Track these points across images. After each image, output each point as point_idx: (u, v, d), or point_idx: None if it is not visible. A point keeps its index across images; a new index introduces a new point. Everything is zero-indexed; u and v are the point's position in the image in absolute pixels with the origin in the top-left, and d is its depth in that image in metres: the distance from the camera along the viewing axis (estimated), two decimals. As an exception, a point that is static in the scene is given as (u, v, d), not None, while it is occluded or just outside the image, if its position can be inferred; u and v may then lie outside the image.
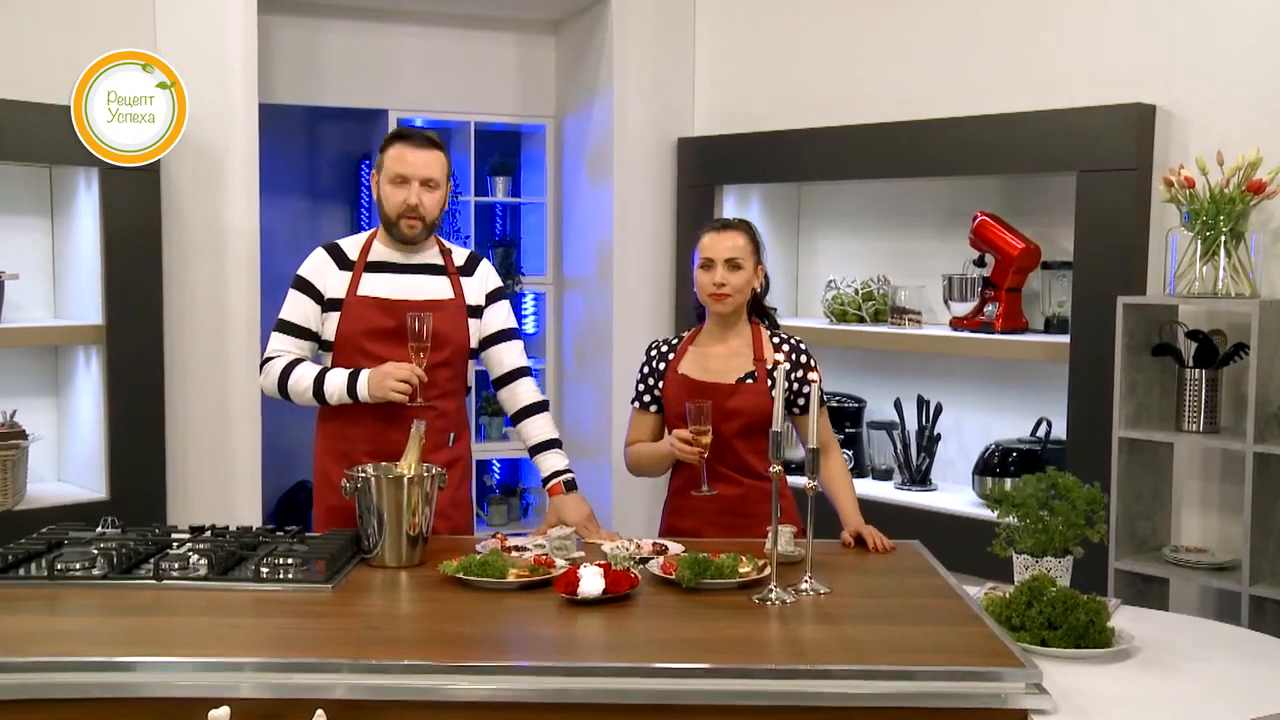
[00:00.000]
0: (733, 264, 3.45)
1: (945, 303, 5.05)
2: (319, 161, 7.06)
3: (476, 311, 3.56)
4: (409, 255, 3.50)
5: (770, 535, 3.07)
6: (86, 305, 4.87)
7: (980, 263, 4.96)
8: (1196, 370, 4.03)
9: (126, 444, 4.82)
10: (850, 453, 5.27)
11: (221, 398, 5.10)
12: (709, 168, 5.66)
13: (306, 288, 3.49)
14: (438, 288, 3.51)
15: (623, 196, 5.67)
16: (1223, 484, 4.24)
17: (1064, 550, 2.90)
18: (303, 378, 3.42)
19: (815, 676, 2.35)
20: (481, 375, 3.94)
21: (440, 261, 3.54)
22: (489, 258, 6.27)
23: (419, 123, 6.09)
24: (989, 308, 4.87)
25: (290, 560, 2.95)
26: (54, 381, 5.12)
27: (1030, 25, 4.75)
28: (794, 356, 3.47)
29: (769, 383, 3.44)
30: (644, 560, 3.02)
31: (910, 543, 3.39)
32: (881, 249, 5.45)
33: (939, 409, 5.11)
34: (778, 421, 2.86)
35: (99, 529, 3.25)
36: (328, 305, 3.47)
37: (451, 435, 3.52)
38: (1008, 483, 3.03)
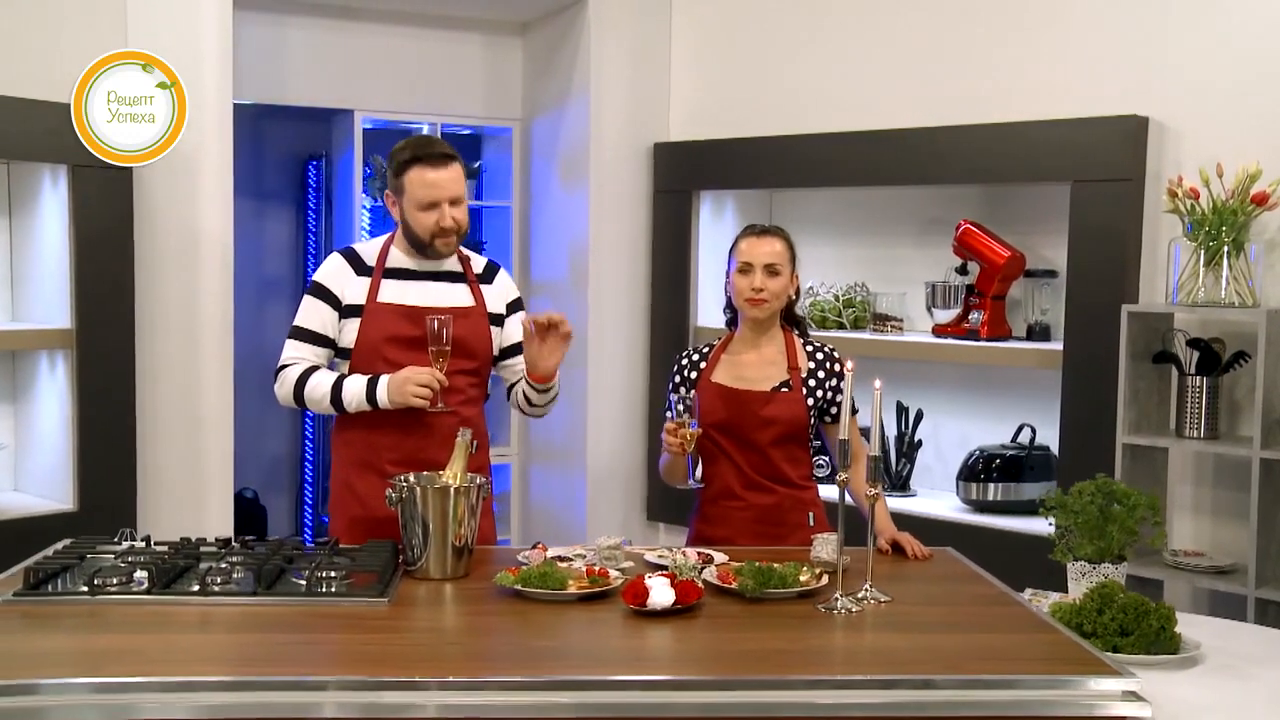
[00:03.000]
0: (772, 270, 3.43)
1: (928, 310, 5.09)
2: (263, 162, 6.89)
3: (498, 320, 3.49)
4: (428, 263, 3.42)
5: (837, 543, 3.07)
6: (51, 308, 4.69)
7: (963, 270, 5.01)
8: (1197, 378, 4.11)
9: (96, 453, 4.65)
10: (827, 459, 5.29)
11: (193, 406, 4.94)
12: (685, 173, 5.64)
13: (323, 294, 3.39)
14: (458, 295, 3.44)
15: (598, 201, 5.62)
16: (1216, 489, 4.33)
17: (1119, 556, 2.92)
18: (319, 385, 3.32)
19: (917, 687, 2.33)
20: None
21: (459, 269, 3.47)
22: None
23: (368, 125, 5.98)
24: (974, 315, 4.91)
25: (334, 573, 2.86)
26: (11, 388, 4.91)
27: (1022, 37, 4.81)
28: (828, 365, 3.45)
29: (803, 390, 3.42)
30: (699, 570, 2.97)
31: (944, 549, 3.40)
32: (857, 256, 5.47)
33: (919, 415, 5.15)
34: (844, 430, 2.84)
35: (119, 542, 3.11)
36: (346, 311, 3.38)
37: (475, 443, 3.42)
38: (1062, 490, 3.01)
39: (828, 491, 3.55)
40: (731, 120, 5.58)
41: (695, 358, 3.55)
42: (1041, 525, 4.64)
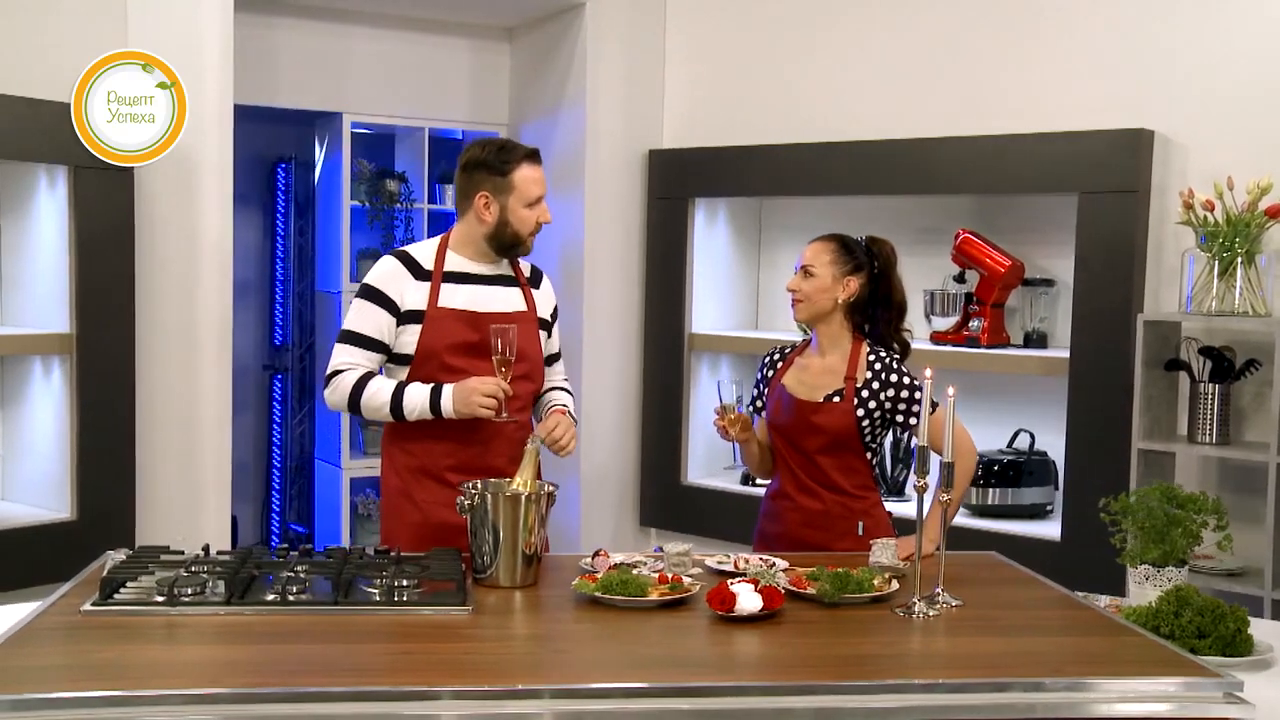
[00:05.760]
0: (805, 271, 3.47)
1: (925, 317, 5.15)
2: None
3: (545, 325, 3.52)
4: (485, 266, 3.42)
5: (895, 548, 3.11)
6: (46, 313, 4.58)
7: (960, 279, 5.08)
8: (1210, 385, 4.21)
9: (95, 461, 4.54)
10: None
11: (190, 412, 4.85)
12: (680, 180, 5.65)
13: (379, 298, 3.34)
14: (513, 300, 3.45)
15: (593, 207, 5.61)
16: (1222, 493, 4.40)
17: (1181, 560, 2.99)
18: (379, 392, 3.28)
19: (1029, 689, 2.37)
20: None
21: (511, 273, 3.48)
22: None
23: (339, 125, 5.94)
24: (973, 323, 4.99)
25: (406, 582, 2.83)
26: (-1, 394, 4.79)
27: (1026, 50, 4.89)
28: (884, 375, 3.45)
29: (854, 401, 3.43)
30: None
31: (989, 554, 3.45)
32: (850, 264, 5.51)
33: (915, 421, 5.20)
34: (922, 436, 2.87)
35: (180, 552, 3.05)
36: (405, 317, 3.33)
37: None
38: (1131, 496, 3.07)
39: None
40: (728, 128, 5.60)
41: (776, 356, 3.62)
42: (1041, 529, 4.77)
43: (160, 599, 2.67)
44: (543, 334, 3.49)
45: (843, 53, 5.37)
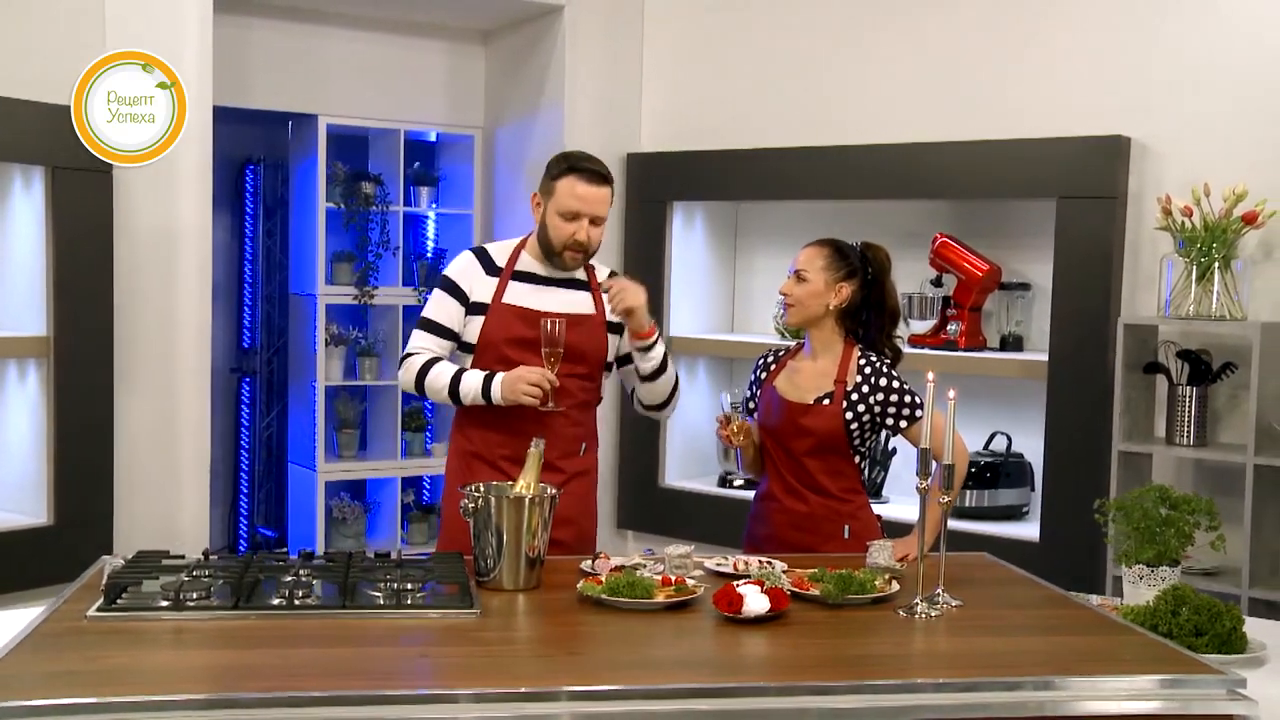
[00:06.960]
0: (799, 275, 3.49)
1: (904, 320, 5.18)
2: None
3: (617, 328, 3.57)
4: (555, 269, 3.52)
5: (891, 549, 3.15)
6: (21, 315, 4.53)
7: (937, 283, 5.13)
8: (1189, 387, 4.29)
9: (73, 464, 4.50)
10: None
11: (169, 416, 4.82)
12: (658, 184, 5.67)
13: (453, 289, 3.50)
14: (580, 302, 3.53)
15: (571, 210, 5.61)
16: (1198, 493, 4.49)
17: (1174, 560, 3.04)
18: (440, 375, 3.44)
19: (1039, 688, 2.40)
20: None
21: (584, 276, 3.57)
22: (413, 270, 6.13)
23: (314, 127, 5.91)
24: (951, 326, 5.04)
25: (410, 585, 2.83)
26: (-33, 397, 4.73)
27: (1006, 57, 4.95)
28: (874, 379, 3.48)
29: (843, 404, 3.46)
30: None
31: (980, 554, 3.49)
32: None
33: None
34: (926, 438, 2.90)
35: (173, 556, 3.03)
36: (473, 308, 3.48)
37: (584, 445, 3.58)
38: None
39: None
40: (706, 132, 5.63)
41: (769, 359, 3.66)
42: (1018, 530, 4.83)
43: (165, 604, 2.66)
44: (613, 337, 3.56)
45: (820, 58, 5.41)
